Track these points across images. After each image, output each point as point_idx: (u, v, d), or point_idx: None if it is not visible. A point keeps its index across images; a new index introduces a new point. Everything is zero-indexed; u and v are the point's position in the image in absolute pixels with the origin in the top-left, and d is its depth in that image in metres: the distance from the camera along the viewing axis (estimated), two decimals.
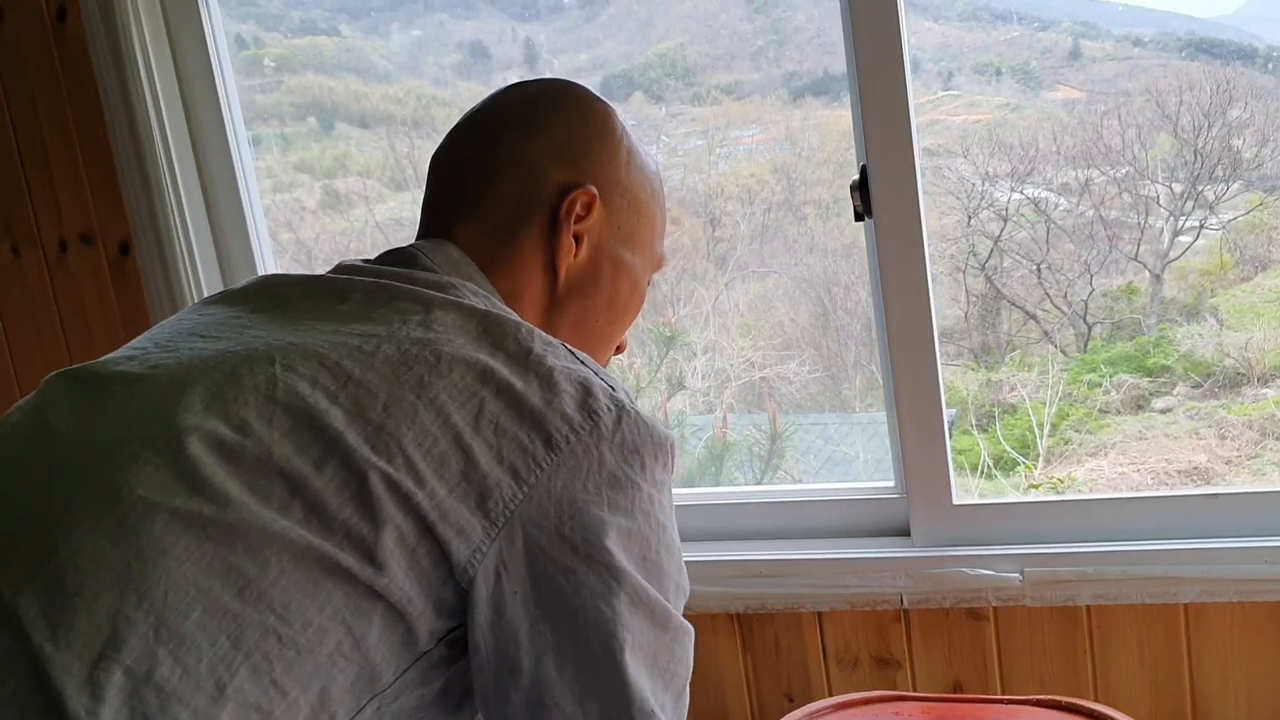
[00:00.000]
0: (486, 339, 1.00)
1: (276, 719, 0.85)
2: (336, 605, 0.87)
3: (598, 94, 1.23)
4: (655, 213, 1.24)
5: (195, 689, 0.82)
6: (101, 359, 1.05)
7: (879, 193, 1.93)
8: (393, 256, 1.15)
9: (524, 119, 1.18)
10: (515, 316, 1.06)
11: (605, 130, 1.20)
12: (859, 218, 1.96)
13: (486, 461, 0.92)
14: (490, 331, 1.00)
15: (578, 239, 1.17)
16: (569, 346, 1.04)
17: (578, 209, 1.15)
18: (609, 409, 0.97)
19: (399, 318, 1.00)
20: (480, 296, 1.08)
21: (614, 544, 0.95)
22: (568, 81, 1.24)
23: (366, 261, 1.16)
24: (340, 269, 1.14)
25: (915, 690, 2.05)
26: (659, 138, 3.21)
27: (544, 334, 1.03)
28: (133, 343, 1.09)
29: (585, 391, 0.97)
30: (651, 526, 0.98)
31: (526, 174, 1.16)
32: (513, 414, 0.94)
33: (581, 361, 1.02)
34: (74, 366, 1.05)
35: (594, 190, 1.16)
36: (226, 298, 1.13)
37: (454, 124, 1.24)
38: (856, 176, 1.95)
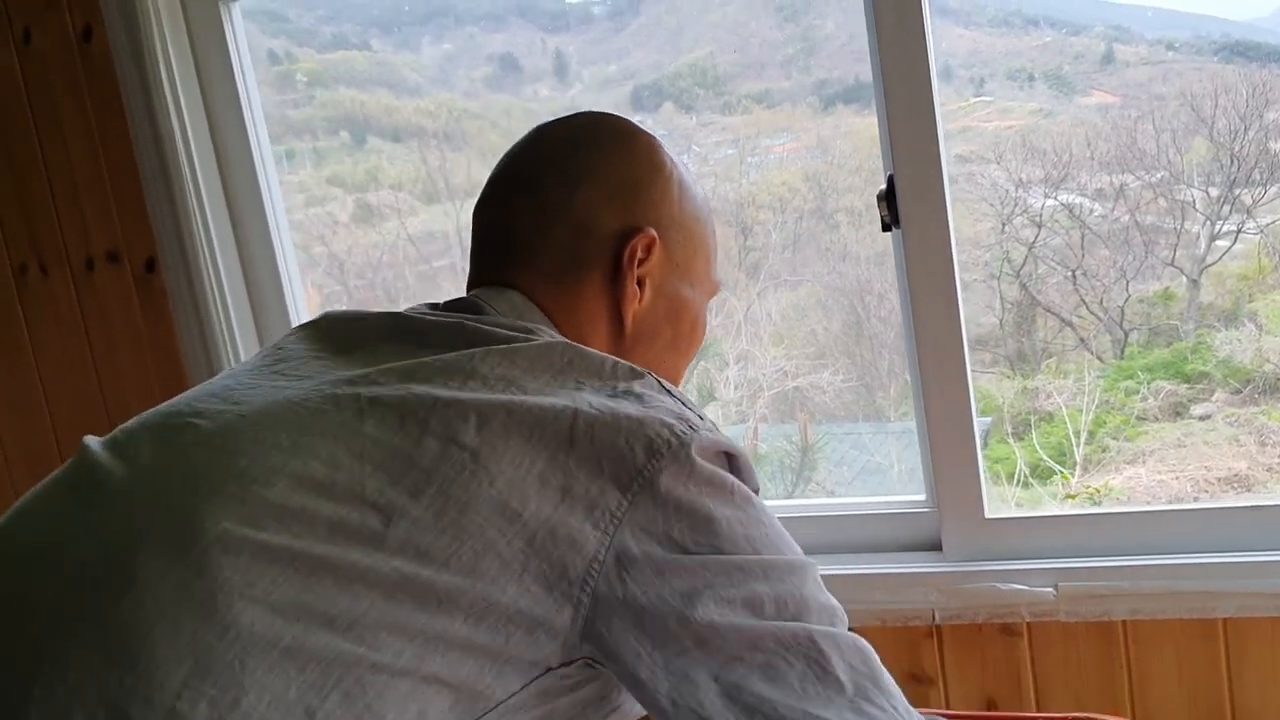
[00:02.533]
0: (572, 371, 1.01)
1: None
2: (434, 632, 0.87)
3: (637, 124, 1.23)
4: (709, 240, 1.24)
5: (284, 716, 0.82)
6: (183, 399, 1.06)
7: (906, 203, 1.91)
8: (458, 305, 1.15)
9: (566, 163, 1.18)
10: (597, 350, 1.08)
11: (654, 167, 1.19)
12: (886, 228, 1.95)
13: (586, 476, 0.93)
14: (575, 363, 1.02)
15: (640, 283, 1.17)
16: (655, 375, 1.05)
17: (639, 253, 1.16)
18: (699, 423, 0.99)
19: (481, 353, 1.01)
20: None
21: (726, 524, 0.96)
22: (602, 115, 1.24)
23: (432, 307, 1.16)
24: (412, 312, 1.14)
25: (948, 707, 2.03)
26: (690, 147, 3.20)
27: (628, 362, 1.05)
28: (212, 382, 1.10)
29: (676, 405, 1.00)
30: (742, 506, 0.99)
31: (579, 222, 1.16)
32: (607, 429, 0.95)
33: (667, 388, 1.04)
34: (158, 407, 1.06)
35: (653, 233, 1.16)
36: (305, 336, 1.14)
37: (494, 171, 1.23)
38: (884, 187, 1.93)
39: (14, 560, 0.93)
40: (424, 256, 3.25)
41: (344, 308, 1.22)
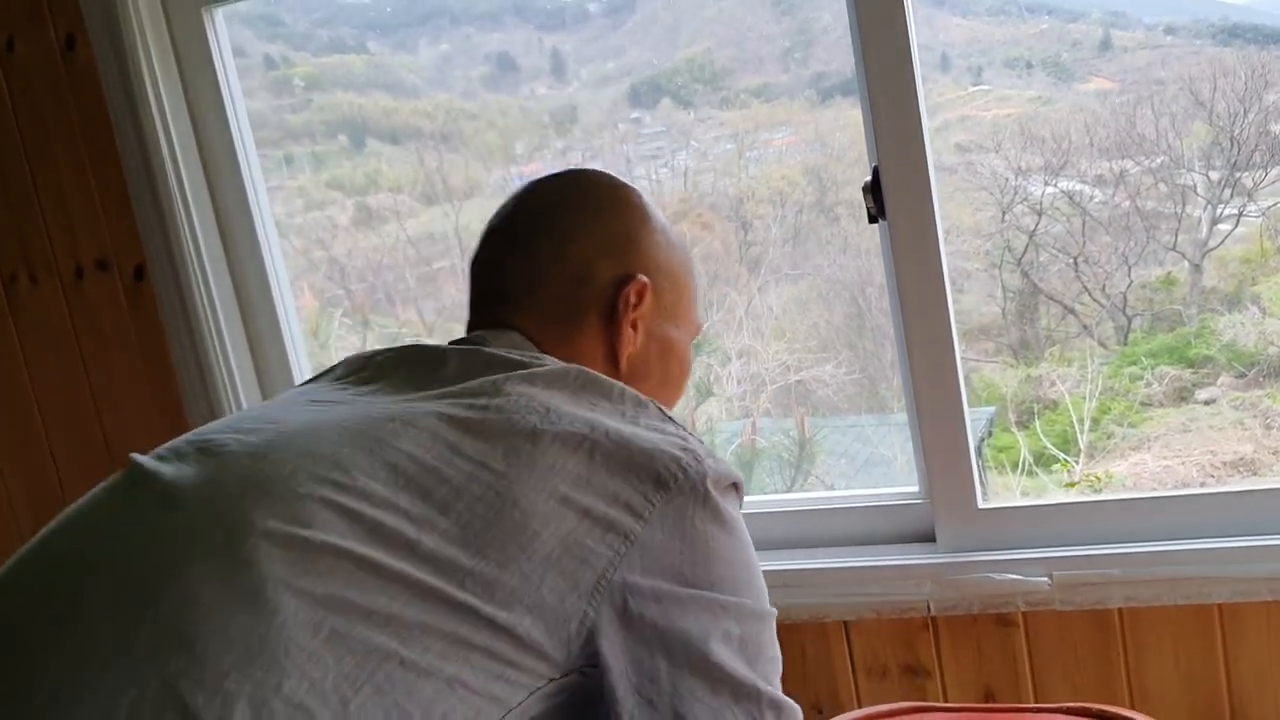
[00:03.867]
0: (586, 393, 1.09)
1: None
2: (460, 634, 0.92)
3: (618, 179, 1.32)
4: (690, 283, 1.34)
5: (320, 704, 0.86)
6: (220, 424, 1.12)
7: (892, 194, 1.90)
8: (461, 341, 1.23)
9: (560, 220, 1.27)
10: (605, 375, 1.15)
11: (641, 219, 1.29)
12: (873, 220, 1.94)
13: (603, 502, 1.00)
14: (588, 387, 1.10)
15: (634, 326, 1.26)
16: (656, 403, 1.13)
17: (633, 299, 1.24)
18: (704, 454, 1.06)
19: (501, 377, 1.08)
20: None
21: (719, 562, 1.04)
22: (585, 172, 1.35)
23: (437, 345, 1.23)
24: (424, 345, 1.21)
25: (946, 699, 2.03)
26: (689, 143, 3.20)
27: (634, 390, 1.13)
28: (243, 411, 1.20)
29: (682, 436, 1.07)
30: (739, 543, 1.07)
31: (575, 272, 1.24)
32: (622, 457, 1.02)
33: (668, 417, 1.12)
34: (197, 430, 1.12)
35: (645, 280, 1.25)
36: (329, 377, 1.21)
37: (487, 225, 1.32)
38: (869, 179, 1.92)
39: (71, 557, 0.99)
40: (424, 258, 3.25)
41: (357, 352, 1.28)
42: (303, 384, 1.25)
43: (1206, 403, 3.04)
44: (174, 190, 2.21)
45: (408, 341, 1.24)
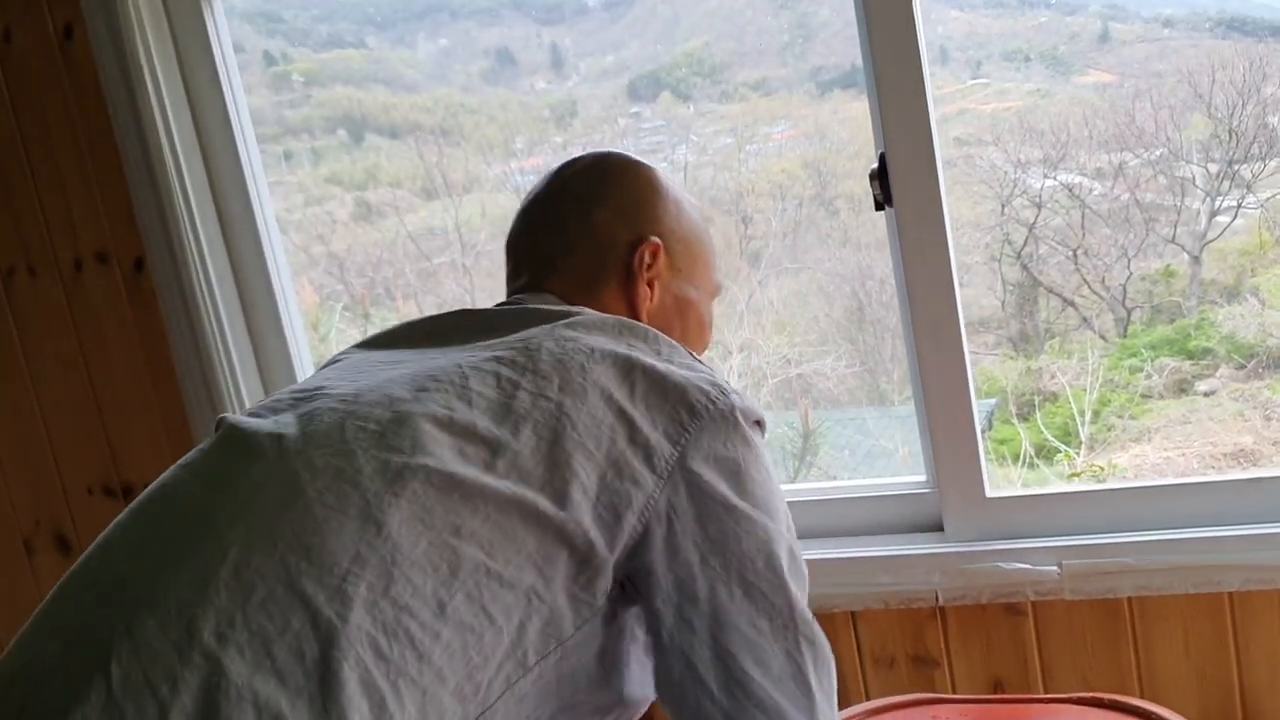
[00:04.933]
0: (624, 336, 1.22)
1: (486, 641, 1.03)
2: (531, 547, 1.05)
3: (636, 157, 1.47)
4: (707, 248, 1.47)
5: (422, 605, 0.99)
6: (297, 386, 1.25)
7: (899, 180, 1.90)
8: (502, 305, 1.38)
9: (584, 193, 1.42)
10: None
11: (654, 189, 1.42)
12: (880, 207, 1.94)
13: (646, 427, 1.12)
14: (625, 332, 1.23)
15: (650, 285, 1.39)
16: (684, 347, 1.27)
17: (646, 259, 1.38)
18: (730, 388, 1.18)
19: (549, 325, 1.22)
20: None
21: (752, 483, 1.15)
22: (609, 153, 1.48)
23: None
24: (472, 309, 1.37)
25: (955, 689, 2.03)
26: (688, 137, 3.20)
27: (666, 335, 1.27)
28: (313, 376, 1.31)
29: (710, 373, 1.20)
30: (768, 471, 1.19)
31: (598, 239, 1.39)
32: (659, 389, 1.15)
33: (697, 359, 1.25)
34: (275, 393, 1.26)
35: (658, 242, 1.38)
36: (385, 341, 1.35)
37: (521, 207, 1.47)
38: (875, 165, 1.92)
39: (195, 486, 1.12)
40: (424, 253, 3.25)
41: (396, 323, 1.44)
42: (352, 348, 1.37)
43: (1206, 394, 3.04)
44: (174, 181, 2.19)
45: (456, 307, 1.38)
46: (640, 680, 1.21)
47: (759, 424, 1.21)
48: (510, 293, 1.43)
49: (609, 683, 1.17)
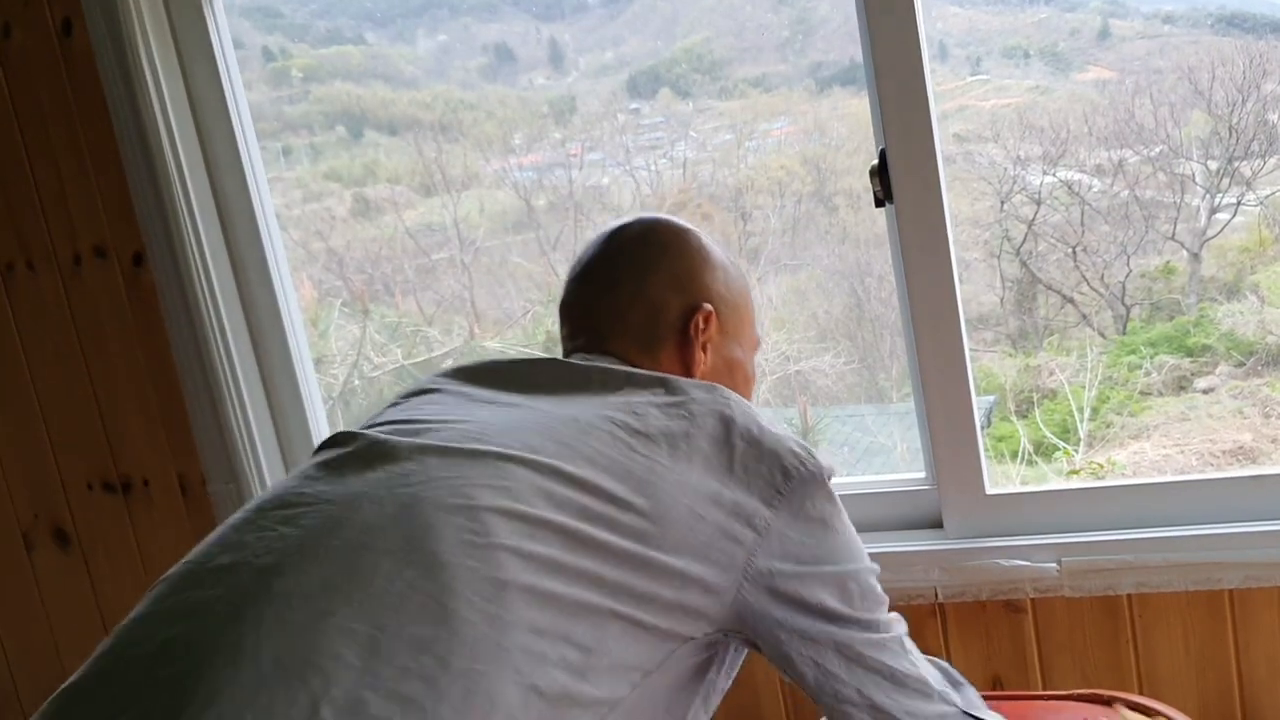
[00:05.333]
0: (714, 393, 1.29)
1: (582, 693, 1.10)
2: (648, 596, 1.14)
3: (682, 223, 1.52)
4: (750, 309, 1.54)
5: (538, 640, 1.07)
6: (409, 414, 1.33)
7: (899, 177, 1.90)
8: (587, 360, 1.44)
9: (637, 261, 1.48)
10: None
11: (704, 258, 1.49)
12: (879, 203, 1.94)
13: (744, 492, 1.21)
14: (712, 393, 1.30)
15: (704, 349, 1.45)
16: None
17: (701, 325, 1.44)
18: (812, 448, 1.28)
19: (644, 389, 1.31)
20: None
21: (837, 535, 1.26)
22: (657, 219, 1.53)
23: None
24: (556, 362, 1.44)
25: None
26: (687, 133, 3.20)
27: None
28: (406, 407, 1.37)
29: (792, 436, 1.28)
30: (846, 520, 1.29)
31: (652, 305, 1.45)
32: (754, 453, 1.24)
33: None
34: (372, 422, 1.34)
35: (710, 308, 1.45)
36: (488, 379, 1.41)
37: (572, 272, 1.53)
38: (876, 161, 1.92)
39: (324, 505, 1.16)
40: (423, 249, 3.25)
41: (485, 359, 1.51)
42: (429, 387, 1.42)
43: (1205, 391, 3.05)
44: (173, 176, 2.19)
45: (536, 355, 1.51)
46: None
47: (832, 473, 1.30)
48: (567, 352, 1.49)
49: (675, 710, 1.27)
